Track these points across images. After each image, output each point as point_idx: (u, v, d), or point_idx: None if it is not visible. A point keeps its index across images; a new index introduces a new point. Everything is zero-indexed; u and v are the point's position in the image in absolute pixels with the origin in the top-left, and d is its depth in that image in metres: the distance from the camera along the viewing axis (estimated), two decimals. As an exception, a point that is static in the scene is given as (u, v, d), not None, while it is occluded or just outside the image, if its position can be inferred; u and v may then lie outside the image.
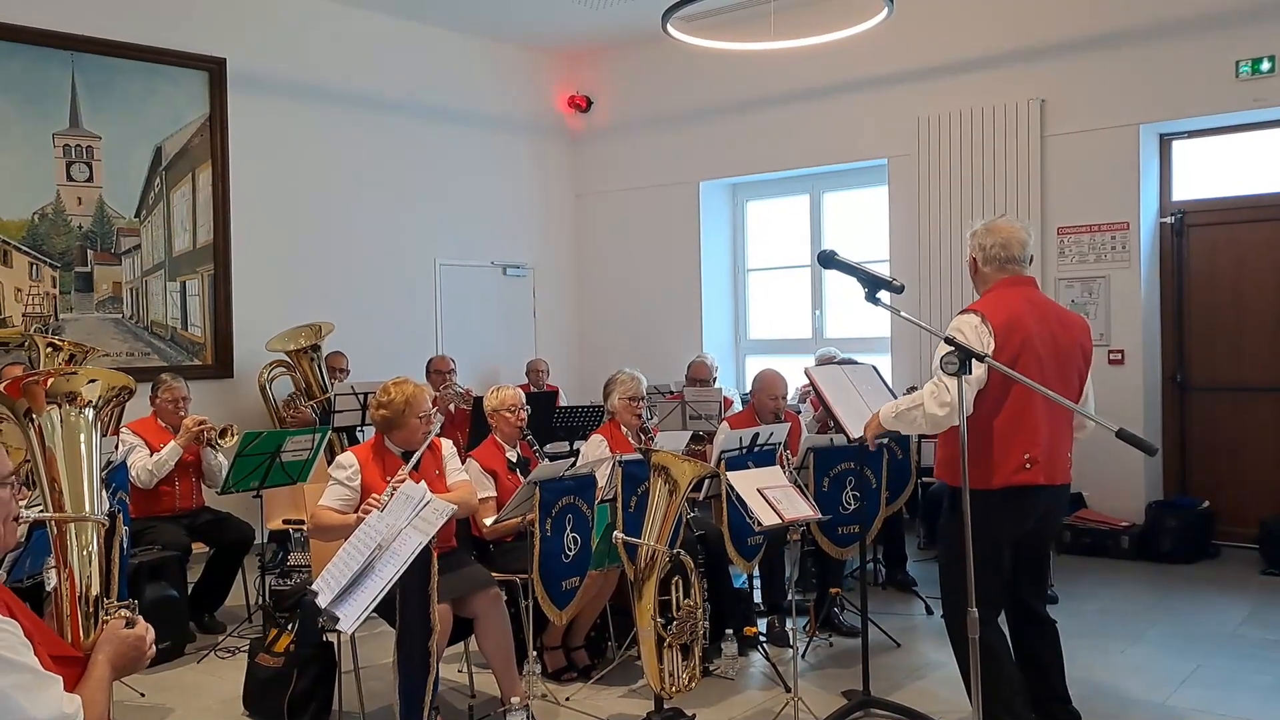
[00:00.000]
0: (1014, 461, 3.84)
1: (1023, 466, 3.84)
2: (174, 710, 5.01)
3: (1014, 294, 4.01)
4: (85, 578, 2.66)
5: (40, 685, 2.15)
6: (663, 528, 4.36)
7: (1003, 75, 8.30)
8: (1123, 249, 7.85)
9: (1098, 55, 7.90)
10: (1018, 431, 3.85)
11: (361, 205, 9.29)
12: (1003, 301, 3.95)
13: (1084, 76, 7.95)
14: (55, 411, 2.66)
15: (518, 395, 5.49)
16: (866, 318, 9.17)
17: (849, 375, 4.93)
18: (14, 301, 7.39)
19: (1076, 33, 7.97)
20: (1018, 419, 3.84)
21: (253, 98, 8.53)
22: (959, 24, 8.51)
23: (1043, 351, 3.90)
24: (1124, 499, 7.77)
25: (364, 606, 3.45)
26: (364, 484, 4.59)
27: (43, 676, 2.16)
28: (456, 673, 5.20)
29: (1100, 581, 7.02)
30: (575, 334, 11.14)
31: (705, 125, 10.09)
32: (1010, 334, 3.84)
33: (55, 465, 2.64)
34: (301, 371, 8.25)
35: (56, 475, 2.66)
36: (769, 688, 5.13)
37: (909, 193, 8.77)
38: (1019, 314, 3.91)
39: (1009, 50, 8.27)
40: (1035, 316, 3.96)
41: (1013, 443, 3.84)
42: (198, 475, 6.42)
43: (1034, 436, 3.86)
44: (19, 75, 7.37)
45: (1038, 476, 3.87)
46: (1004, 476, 3.84)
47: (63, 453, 2.64)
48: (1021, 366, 3.73)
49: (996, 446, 3.84)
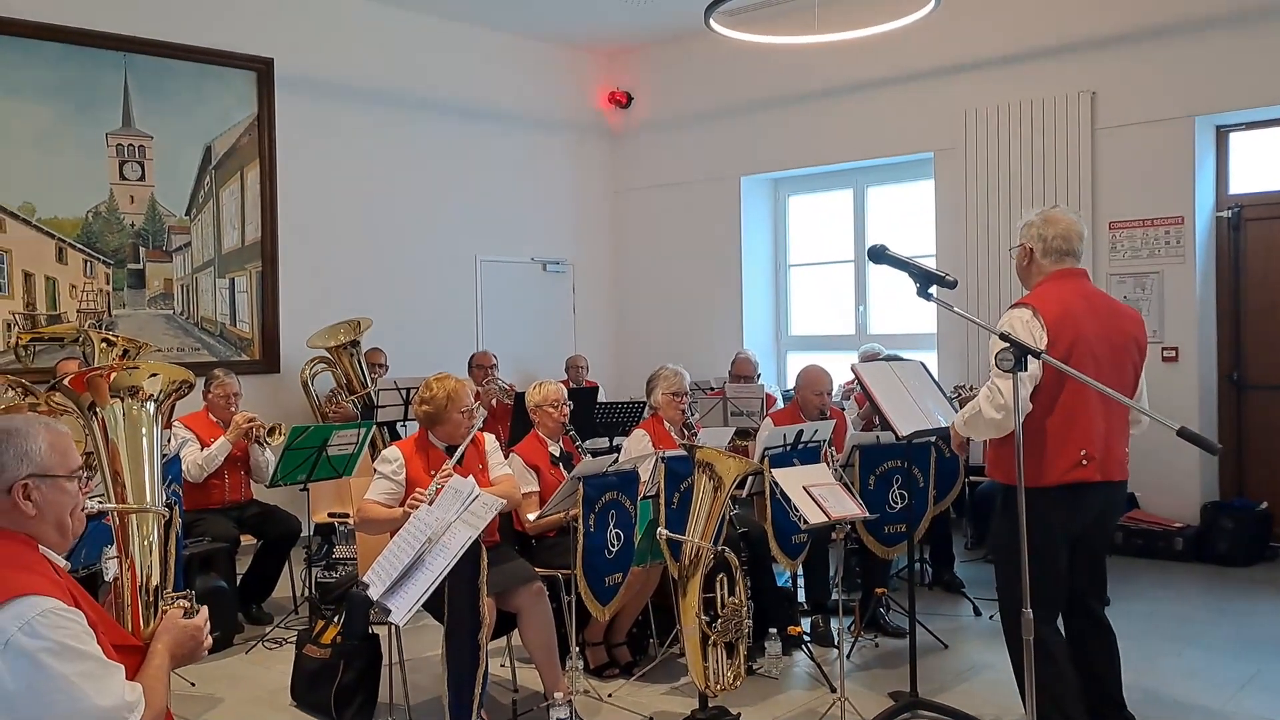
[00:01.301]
0: (1070, 458, 3.78)
1: (1078, 463, 3.77)
2: (223, 700, 5.07)
3: (1067, 287, 3.93)
4: (146, 568, 2.71)
5: (104, 673, 2.19)
6: (707, 524, 4.35)
7: (1052, 67, 8.19)
8: (1177, 244, 7.73)
9: (1150, 46, 7.78)
10: (1073, 428, 3.78)
11: (404, 202, 9.36)
12: (1055, 295, 3.88)
13: (1136, 68, 7.84)
14: (118, 405, 2.70)
15: (560, 391, 5.50)
16: (911, 314, 9.09)
17: (897, 372, 4.88)
18: (69, 298, 7.52)
19: (1128, 23, 7.85)
20: (1073, 415, 3.77)
21: (299, 97, 8.62)
22: (1007, 15, 8.42)
23: (1097, 346, 3.83)
24: (1178, 500, 7.65)
25: (415, 599, 3.49)
26: (409, 478, 4.63)
27: (106, 665, 2.21)
28: (499, 667, 5.22)
29: (1153, 583, 6.92)
30: (614, 330, 11.15)
31: (747, 120, 10.05)
32: (1063, 328, 3.78)
33: (118, 458, 2.70)
34: (342, 367, 8.33)
35: (119, 468, 2.71)
36: (813, 688, 5.10)
37: (955, 187, 8.69)
38: (1072, 307, 3.85)
39: (1058, 42, 8.17)
40: (1088, 309, 3.89)
41: (1068, 439, 3.78)
42: (246, 469, 6.48)
43: (1089, 433, 3.80)
44: (74, 77, 7.49)
45: (1093, 473, 3.80)
46: (1059, 473, 3.78)
47: (125, 445, 2.69)
48: (1075, 361, 3.67)
49: (1051, 443, 3.78)
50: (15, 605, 2.13)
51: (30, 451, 2.32)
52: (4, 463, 2.30)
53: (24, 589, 2.16)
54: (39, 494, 2.32)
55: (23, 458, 2.31)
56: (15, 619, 2.12)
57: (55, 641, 2.13)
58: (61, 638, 2.14)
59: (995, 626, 5.99)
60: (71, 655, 2.14)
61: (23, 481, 2.30)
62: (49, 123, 7.41)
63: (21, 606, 2.14)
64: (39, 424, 2.40)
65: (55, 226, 7.45)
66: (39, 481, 2.32)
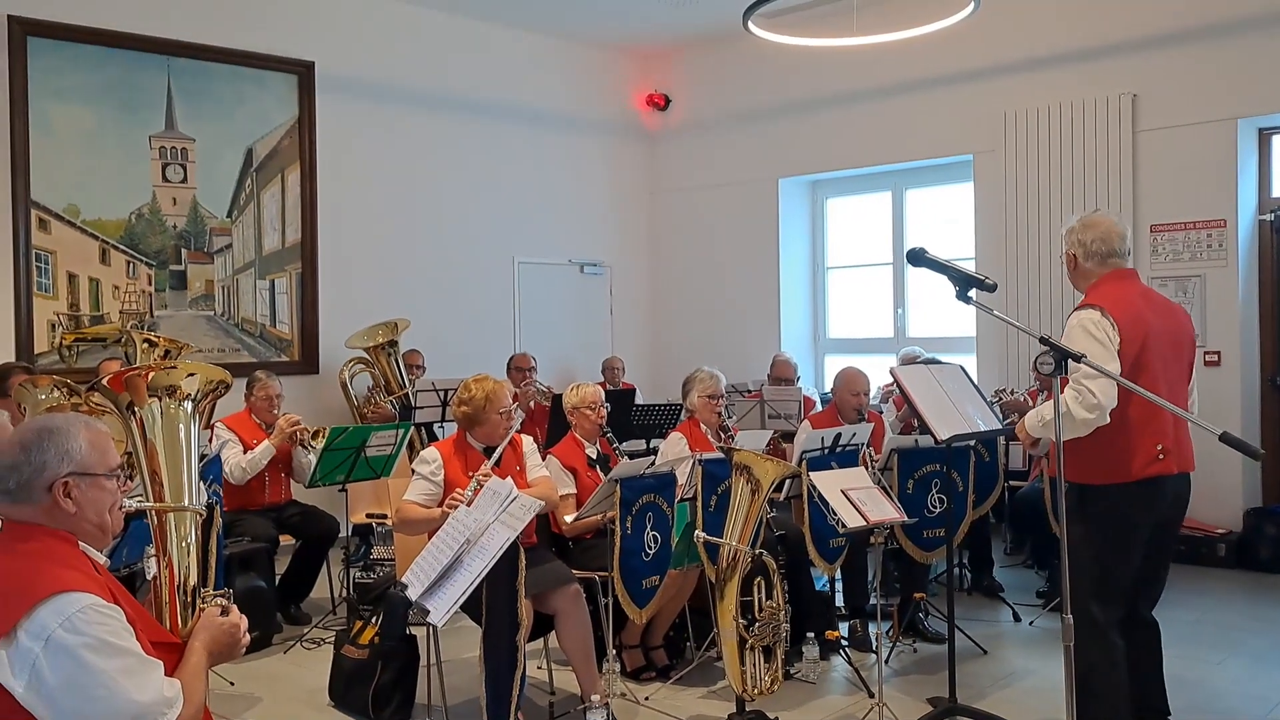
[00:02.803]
0: (1147, 453, 3.80)
1: (1156, 457, 3.80)
2: (262, 699, 5.10)
3: (1125, 287, 3.95)
4: (184, 568, 2.74)
5: (143, 669, 2.22)
6: (744, 527, 4.33)
7: (1092, 69, 8.11)
8: (1219, 247, 7.63)
9: (1193, 48, 7.69)
10: (1149, 422, 3.80)
11: (442, 204, 9.40)
12: (1117, 294, 3.89)
13: (1178, 70, 7.75)
14: (155, 404, 2.73)
15: (598, 393, 5.50)
16: (951, 317, 9.04)
17: (936, 375, 4.84)
18: (112, 299, 7.61)
19: (1170, 25, 7.76)
20: (1148, 410, 3.78)
21: (339, 100, 8.69)
22: (1047, 17, 8.34)
23: (1163, 343, 3.88)
24: (1221, 506, 7.54)
25: (453, 599, 3.50)
26: (447, 479, 4.64)
27: (145, 661, 2.23)
28: (536, 669, 5.21)
29: (1195, 590, 6.82)
30: (651, 332, 11.15)
31: (785, 122, 10.02)
32: (1135, 327, 3.80)
33: (156, 457, 2.72)
34: (379, 368, 8.39)
35: (157, 467, 2.74)
36: (851, 692, 5.07)
37: (995, 190, 8.62)
38: (1137, 307, 3.87)
39: (1099, 44, 8.08)
40: (1151, 308, 3.93)
41: (1145, 434, 3.79)
42: (286, 470, 6.52)
43: (1164, 427, 3.83)
44: (118, 80, 7.59)
45: (1170, 466, 3.84)
46: (1139, 468, 3.80)
47: (163, 444, 2.72)
48: (1147, 359, 3.76)
49: (1130, 438, 3.79)
50: (56, 601, 2.16)
51: (71, 450, 2.35)
52: (45, 461, 2.33)
53: (64, 585, 2.19)
54: (79, 492, 2.35)
55: (63, 456, 2.34)
56: (56, 615, 2.14)
57: (95, 637, 2.15)
58: (101, 633, 2.16)
59: (1035, 632, 5.97)
60: (111, 651, 2.17)
61: (63, 479, 2.33)
62: (93, 125, 7.51)
63: (62, 603, 2.16)
64: (79, 422, 2.42)
65: (99, 228, 7.55)
66: (79, 479, 2.35)
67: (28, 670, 2.12)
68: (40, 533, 2.32)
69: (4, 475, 2.33)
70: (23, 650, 2.12)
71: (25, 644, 2.12)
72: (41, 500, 2.32)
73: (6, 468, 2.33)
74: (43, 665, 2.12)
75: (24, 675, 2.12)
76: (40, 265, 7.29)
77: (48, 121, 7.29)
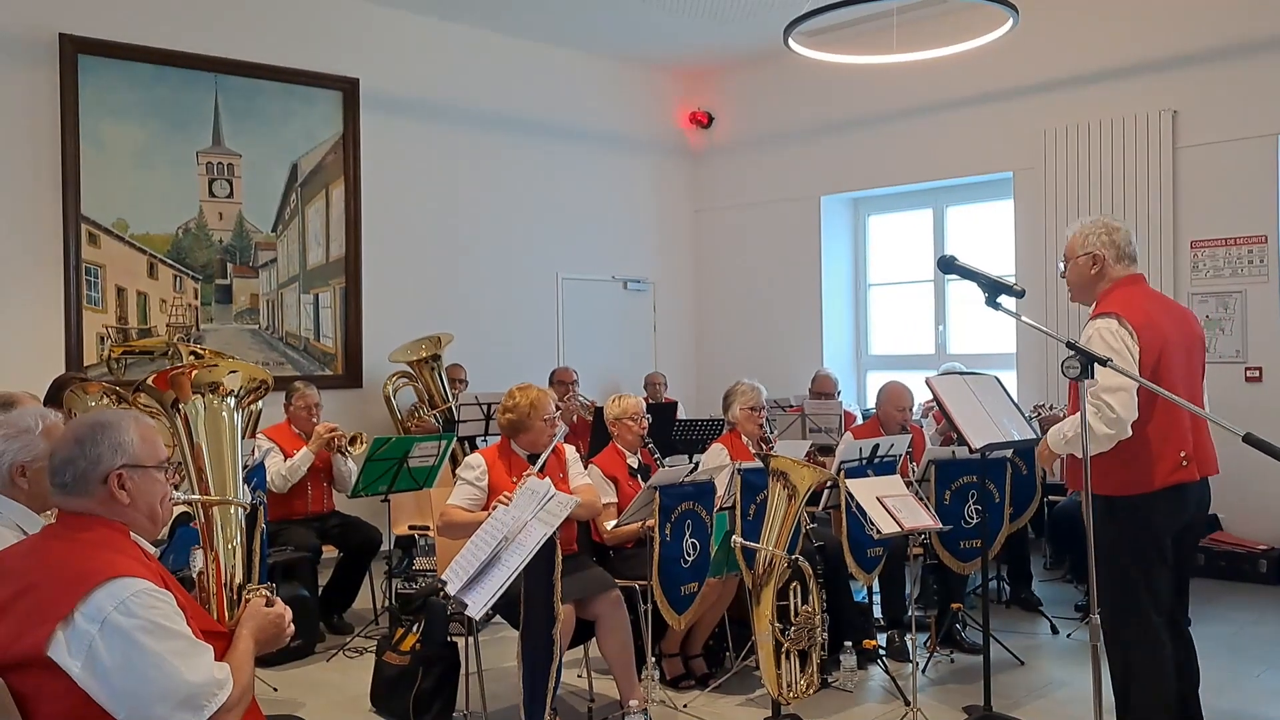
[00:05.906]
0: (1171, 461, 3.80)
1: (1179, 465, 3.80)
2: (304, 705, 5.17)
3: (1137, 292, 3.97)
4: (230, 566, 2.82)
5: (195, 652, 2.29)
6: (781, 533, 4.36)
7: (1132, 86, 8.10)
8: (1260, 263, 7.58)
9: (1233, 64, 7.66)
10: (1171, 430, 3.80)
11: (486, 220, 9.51)
12: (1130, 300, 3.89)
13: (1218, 87, 7.72)
14: (199, 400, 2.81)
15: (640, 404, 5.55)
16: (991, 333, 9.01)
17: (970, 385, 4.86)
18: (159, 312, 7.76)
19: (1210, 42, 7.74)
20: (1168, 419, 3.79)
21: (383, 117, 8.82)
22: (1086, 34, 8.34)
23: (1178, 348, 3.88)
24: (1262, 522, 7.47)
25: (491, 594, 3.56)
26: (491, 484, 4.69)
27: (196, 644, 2.30)
28: (576, 677, 5.26)
29: (1236, 605, 6.75)
30: (694, 348, 11.19)
31: (827, 140, 10.06)
32: (1151, 334, 3.80)
33: (201, 454, 2.81)
34: (423, 381, 8.48)
35: (202, 464, 2.82)
36: (888, 701, 5.07)
37: (1035, 207, 8.61)
38: (1152, 313, 3.88)
39: (1138, 61, 8.07)
40: (1163, 312, 3.95)
41: (1167, 442, 3.80)
42: (329, 480, 6.60)
43: (1185, 434, 3.83)
44: (167, 97, 7.76)
45: (1193, 473, 3.85)
46: (1163, 477, 3.80)
47: (206, 439, 2.80)
48: (1165, 365, 3.77)
49: (1152, 448, 3.79)
50: (111, 585, 2.23)
51: (124, 443, 2.43)
52: (100, 454, 2.41)
53: (119, 571, 2.26)
54: (132, 483, 2.43)
55: (117, 449, 2.42)
56: (111, 598, 2.22)
57: (148, 620, 2.23)
58: (154, 616, 2.24)
59: (1073, 645, 5.93)
60: (164, 633, 2.24)
61: (117, 471, 2.41)
62: (142, 142, 7.67)
63: (117, 587, 2.23)
64: (129, 417, 2.51)
65: (147, 242, 7.71)
66: (132, 471, 2.43)
67: (84, 651, 2.19)
68: (97, 523, 2.40)
69: (60, 469, 2.41)
70: (80, 632, 2.20)
71: (82, 626, 2.20)
72: (97, 492, 2.41)
73: (63, 461, 2.41)
74: (99, 646, 2.19)
75: (80, 656, 2.19)
76: (90, 279, 7.45)
77: (98, 138, 7.46)
